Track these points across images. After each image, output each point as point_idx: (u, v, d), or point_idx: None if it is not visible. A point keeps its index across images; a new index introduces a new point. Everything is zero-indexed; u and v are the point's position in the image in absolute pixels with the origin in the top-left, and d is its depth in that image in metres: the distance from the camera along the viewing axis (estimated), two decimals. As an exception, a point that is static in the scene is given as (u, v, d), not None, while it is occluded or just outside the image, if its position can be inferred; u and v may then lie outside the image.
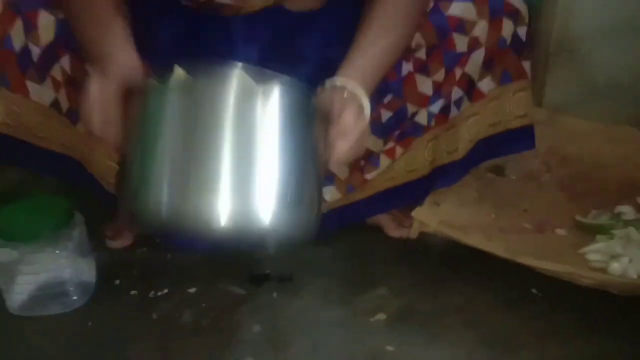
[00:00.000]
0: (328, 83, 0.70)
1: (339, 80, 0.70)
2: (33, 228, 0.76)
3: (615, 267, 0.83)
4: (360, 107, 0.68)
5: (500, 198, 0.98)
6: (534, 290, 0.84)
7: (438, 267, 0.91)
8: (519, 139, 0.89)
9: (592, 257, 0.87)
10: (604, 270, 0.83)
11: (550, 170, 1.06)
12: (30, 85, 0.82)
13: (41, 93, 0.82)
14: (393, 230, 0.96)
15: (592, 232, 0.92)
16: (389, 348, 0.75)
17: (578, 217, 0.95)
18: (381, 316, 0.80)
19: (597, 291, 0.78)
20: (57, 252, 0.77)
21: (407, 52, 0.82)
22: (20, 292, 0.79)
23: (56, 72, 0.81)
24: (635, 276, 0.81)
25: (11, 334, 0.77)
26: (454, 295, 0.83)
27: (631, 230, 0.90)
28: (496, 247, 0.83)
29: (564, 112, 1.12)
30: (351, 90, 0.69)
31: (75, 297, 0.81)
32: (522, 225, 0.93)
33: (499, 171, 1.04)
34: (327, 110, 0.64)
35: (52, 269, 0.78)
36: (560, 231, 0.93)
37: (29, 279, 0.78)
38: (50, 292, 0.79)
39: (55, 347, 0.76)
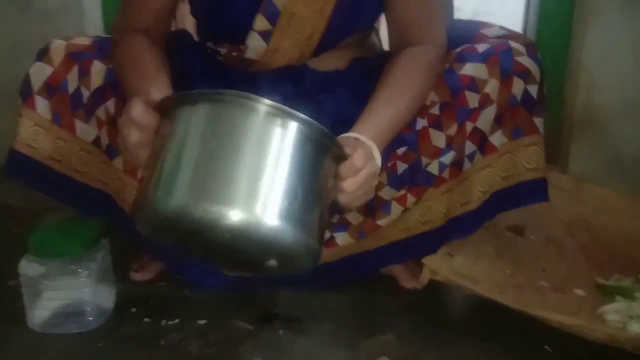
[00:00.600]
0: (342, 137, 0.75)
1: (352, 134, 0.76)
2: (61, 246, 0.82)
3: (634, 326, 0.80)
4: (371, 153, 0.73)
5: (518, 256, 0.97)
6: (546, 347, 0.81)
7: (448, 319, 0.89)
8: (532, 191, 0.90)
9: (610, 317, 0.84)
10: (620, 330, 0.79)
11: (573, 237, 1.05)
12: (78, 123, 0.91)
13: (86, 131, 0.91)
14: (406, 281, 0.96)
15: (612, 294, 0.89)
16: (388, 391, 0.73)
17: (599, 279, 0.92)
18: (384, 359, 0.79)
19: (611, 351, 0.75)
20: (80, 271, 0.82)
21: (421, 109, 0.87)
22: (43, 308, 0.84)
23: (101, 113, 0.90)
24: (654, 337, 0.77)
25: (30, 348, 0.81)
26: (461, 347, 0.82)
27: (654, 294, 0.87)
28: (507, 299, 0.82)
29: (589, 181, 1.12)
30: (363, 142, 0.74)
31: (91, 319, 0.84)
32: (539, 284, 0.92)
33: (518, 231, 1.04)
34: (340, 149, 0.68)
35: (73, 287, 0.82)
36: (579, 292, 0.91)
37: (52, 295, 0.83)
38: (70, 311, 0.84)
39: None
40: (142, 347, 0.81)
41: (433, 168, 0.89)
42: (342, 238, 0.92)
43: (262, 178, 0.61)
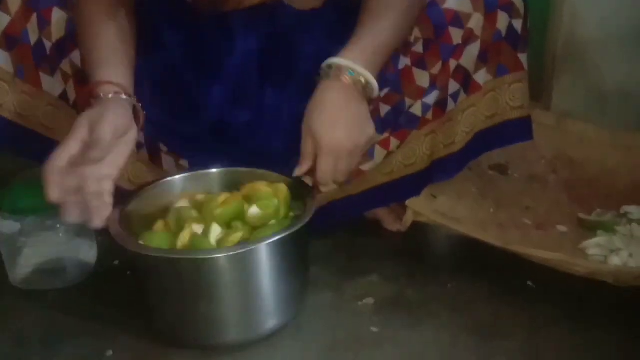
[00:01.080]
0: (334, 64, 0.73)
1: (344, 61, 0.73)
2: (35, 203, 0.80)
3: (615, 260, 0.81)
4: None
5: (501, 195, 0.98)
6: (529, 283, 0.82)
7: (433, 259, 0.90)
8: (516, 130, 0.89)
9: (592, 251, 0.85)
10: (602, 263, 0.81)
11: (556, 173, 1.05)
12: (43, 76, 0.86)
13: (52, 84, 0.87)
14: (390, 224, 0.96)
15: (594, 229, 0.90)
16: (374, 329, 0.74)
17: (581, 215, 0.93)
18: (369, 300, 0.79)
19: (593, 285, 0.75)
20: (58, 226, 0.81)
21: (405, 46, 0.84)
22: (23, 265, 0.82)
23: (65, 66, 0.86)
24: (634, 268, 0.79)
25: (11, 305, 0.81)
26: (445, 285, 0.83)
27: (635, 227, 0.88)
28: (491, 237, 0.82)
29: (572, 118, 1.11)
30: (359, 72, 0.73)
31: (73, 274, 0.84)
32: (522, 221, 0.92)
33: (502, 170, 1.03)
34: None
35: (51, 243, 0.81)
36: (562, 228, 0.91)
37: (31, 253, 0.81)
38: (50, 267, 0.83)
39: (50, 319, 0.78)
40: (127, 301, 0.80)
41: (416, 109, 0.87)
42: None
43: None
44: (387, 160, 0.91)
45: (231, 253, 0.67)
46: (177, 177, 0.82)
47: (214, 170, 0.83)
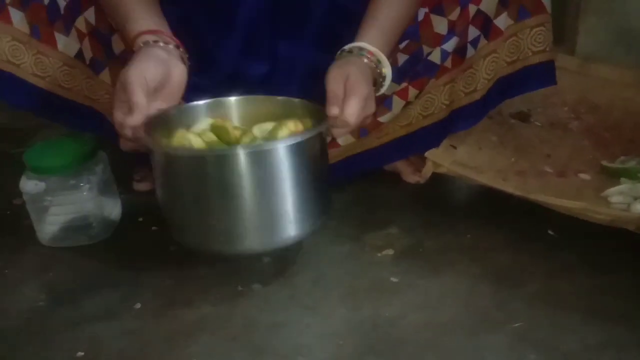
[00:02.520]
0: (351, 48, 0.74)
1: (362, 44, 0.74)
2: (59, 161, 0.82)
3: (637, 207, 0.80)
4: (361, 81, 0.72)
5: (522, 143, 0.96)
6: (549, 232, 0.82)
7: (452, 209, 0.90)
8: (539, 75, 0.87)
9: (614, 199, 0.83)
10: (624, 211, 0.80)
11: (579, 118, 1.03)
12: (58, 36, 0.86)
13: (68, 44, 0.87)
14: (409, 176, 0.96)
15: (617, 176, 0.88)
16: (393, 279, 0.75)
17: (604, 162, 0.91)
18: (389, 251, 0.80)
19: (613, 232, 0.75)
20: (81, 185, 0.82)
21: None
22: (50, 223, 0.85)
23: (80, 24, 0.85)
24: (657, 215, 0.77)
25: (41, 262, 0.83)
26: (464, 234, 0.83)
27: (659, 173, 0.86)
28: (510, 186, 0.81)
29: (596, 60, 1.07)
30: (374, 54, 0.74)
31: (99, 231, 0.86)
32: (543, 169, 0.91)
33: (523, 118, 1.01)
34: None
35: (76, 201, 0.83)
36: (584, 176, 0.90)
37: (57, 211, 0.84)
38: (76, 224, 0.85)
39: (79, 274, 0.81)
40: (152, 254, 0.83)
41: (435, 56, 0.85)
42: (343, 138, 0.91)
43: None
44: (405, 112, 0.90)
45: (251, 150, 0.67)
46: (200, 102, 0.80)
47: (233, 98, 0.82)
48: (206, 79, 0.86)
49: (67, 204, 0.83)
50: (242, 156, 0.67)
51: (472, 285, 0.73)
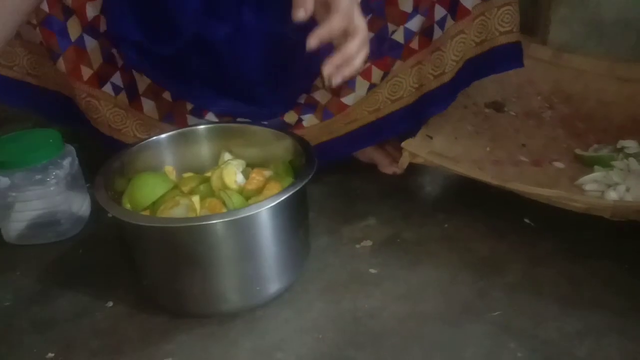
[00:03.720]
0: None
1: None
2: (24, 156, 0.79)
3: (612, 194, 0.81)
4: None
5: (498, 132, 0.96)
6: (526, 220, 0.82)
7: (429, 200, 0.90)
8: (506, 56, 0.85)
9: (589, 187, 0.84)
10: (599, 198, 0.80)
11: (553, 108, 1.03)
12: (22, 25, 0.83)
13: (30, 32, 0.84)
14: (386, 167, 0.95)
15: (591, 164, 0.89)
16: (372, 271, 0.74)
17: (577, 151, 0.92)
18: (367, 243, 0.79)
19: (590, 221, 0.75)
20: (47, 180, 0.79)
21: None
22: (16, 220, 0.81)
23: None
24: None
25: (7, 261, 0.80)
26: (442, 225, 0.82)
27: (632, 161, 0.87)
28: (487, 175, 0.81)
29: (569, 51, 1.08)
30: None
31: (67, 227, 0.83)
32: (518, 158, 0.91)
33: (498, 107, 1.01)
34: None
35: (43, 197, 0.80)
36: (558, 164, 0.90)
37: (23, 207, 0.80)
38: (44, 221, 0.81)
39: (48, 272, 0.78)
40: (123, 251, 0.80)
41: (398, 36, 0.84)
42: (307, 120, 0.89)
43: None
44: (372, 96, 0.88)
45: (228, 219, 0.63)
46: (163, 136, 0.80)
47: (201, 126, 0.81)
48: (168, 45, 0.82)
49: (33, 199, 0.80)
50: (218, 226, 0.63)
51: (452, 275, 0.73)
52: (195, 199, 0.71)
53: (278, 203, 0.64)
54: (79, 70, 0.85)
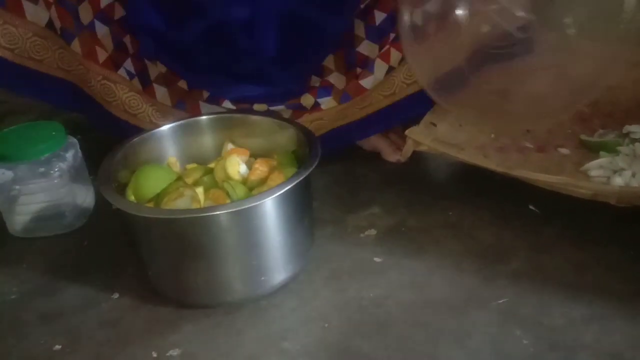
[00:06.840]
0: None
1: None
2: (27, 149, 0.78)
3: (617, 180, 0.80)
4: None
5: (502, 119, 0.95)
6: (531, 207, 0.82)
7: (433, 188, 0.89)
8: None
9: (594, 172, 0.84)
10: (604, 184, 0.80)
11: (558, 94, 1.03)
12: (26, 4, 0.82)
13: (36, 12, 0.83)
14: (390, 155, 0.95)
15: (596, 150, 0.88)
16: (377, 259, 0.74)
17: (583, 136, 0.91)
18: (371, 232, 0.79)
19: (595, 207, 0.75)
20: (51, 172, 0.79)
21: None
22: (21, 213, 0.82)
23: None
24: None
25: (13, 254, 0.80)
26: (447, 212, 0.82)
27: (637, 146, 0.86)
28: (492, 162, 0.81)
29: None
30: None
31: (72, 219, 0.83)
32: (523, 144, 0.90)
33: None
34: None
35: (47, 189, 0.80)
36: (563, 150, 0.90)
37: (27, 200, 0.80)
38: (48, 213, 0.81)
39: (53, 264, 0.78)
40: (128, 242, 0.80)
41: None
42: (326, 103, 0.89)
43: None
44: (388, 79, 0.87)
45: (232, 210, 0.63)
46: (165, 127, 0.79)
47: (204, 117, 0.81)
48: (186, 34, 0.82)
49: (37, 192, 0.80)
50: (222, 217, 0.63)
51: (457, 263, 0.73)
52: (199, 190, 0.71)
53: (282, 193, 0.64)
54: (94, 52, 0.84)
